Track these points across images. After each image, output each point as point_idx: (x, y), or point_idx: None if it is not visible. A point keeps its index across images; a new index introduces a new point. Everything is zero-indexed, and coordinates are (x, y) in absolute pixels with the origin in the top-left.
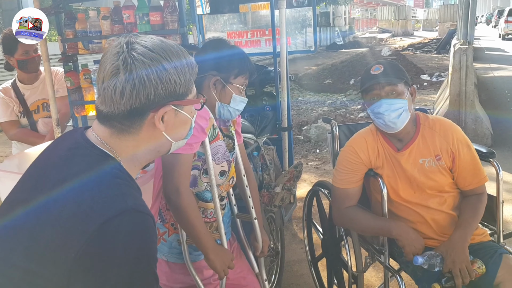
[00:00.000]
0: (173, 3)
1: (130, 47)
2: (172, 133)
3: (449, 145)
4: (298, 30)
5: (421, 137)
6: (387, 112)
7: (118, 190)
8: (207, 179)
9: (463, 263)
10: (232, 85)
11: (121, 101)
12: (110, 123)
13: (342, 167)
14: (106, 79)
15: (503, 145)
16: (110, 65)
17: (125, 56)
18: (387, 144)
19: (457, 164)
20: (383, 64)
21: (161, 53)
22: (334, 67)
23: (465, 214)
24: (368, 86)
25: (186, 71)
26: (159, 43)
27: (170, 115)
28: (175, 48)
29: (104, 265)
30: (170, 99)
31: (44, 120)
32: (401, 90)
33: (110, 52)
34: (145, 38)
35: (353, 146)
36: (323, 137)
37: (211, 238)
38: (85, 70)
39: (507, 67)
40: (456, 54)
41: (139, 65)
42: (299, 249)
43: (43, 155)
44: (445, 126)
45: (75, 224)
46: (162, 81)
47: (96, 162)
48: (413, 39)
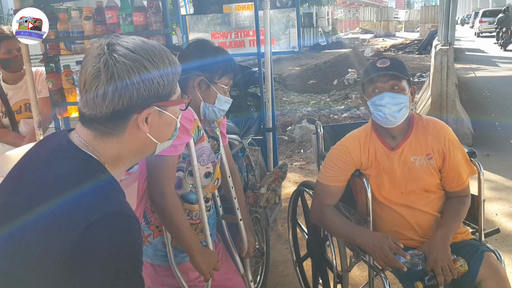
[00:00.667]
0: (156, 3)
1: (111, 48)
2: (157, 134)
3: (441, 145)
4: (282, 31)
5: (414, 136)
6: (389, 105)
7: (102, 193)
8: (192, 181)
9: (445, 262)
10: (217, 85)
11: (104, 104)
12: (93, 125)
13: (331, 164)
14: (87, 82)
15: (484, 145)
16: (91, 67)
17: (106, 58)
18: (381, 143)
19: (447, 164)
20: (389, 59)
21: (142, 54)
22: (318, 68)
23: (448, 214)
24: (373, 77)
25: (169, 71)
26: (140, 44)
27: (154, 116)
28: (157, 48)
29: (88, 269)
30: (154, 100)
31: (26, 121)
32: (403, 87)
33: (91, 54)
34: (127, 39)
35: (346, 146)
36: (307, 138)
37: (196, 240)
38: (67, 71)
39: (487, 67)
40: (437, 55)
41: (121, 66)
42: (285, 249)
43: (25, 158)
44: (438, 126)
45: (58, 228)
46: (145, 83)
47: (79, 165)
48: (395, 40)
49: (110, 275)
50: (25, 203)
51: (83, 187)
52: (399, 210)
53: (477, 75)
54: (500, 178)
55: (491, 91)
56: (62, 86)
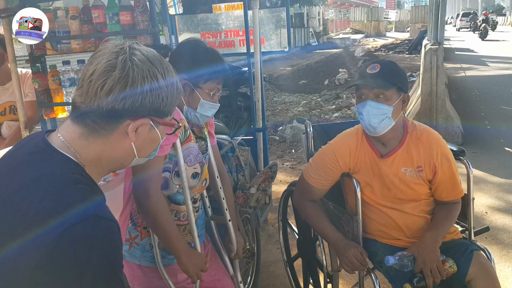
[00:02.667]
0: (143, 2)
1: (131, 51)
2: (140, 147)
3: (433, 159)
4: (272, 30)
5: (406, 146)
6: (367, 115)
7: (80, 196)
8: (179, 182)
9: (433, 263)
10: (201, 90)
11: (105, 98)
12: (84, 121)
13: (317, 166)
14: (96, 73)
15: (473, 143)
16: (105, 61)
17: (126, 57)
18: (370, 149)
19: (437, 178)
20: (380, 64)
21: (158, 67)
22: (309, 68)
23: (438, 217)
24: (359, 84)
25: (175, 92)
26: (159, 58)
27: (145, 128)
28: (171, 67)
29: (66, 274)
30: (152, 114)
31: (9, 123)
32: (390, 96)
33: (108, 50)
34: (147, 49)
35: (334, 151)
36: (298, 138)
37: (183, 242)
38: (54, 71)
39: (476, 67)
40: (427, 54)
41: (138, 70)
42: (275, 249)
43: (2, 161)
44: (431, 139)
45: (35, 232)
46: (152, 94)
47: (57, 166)
48: (386, 40)
49: (89, 281)
50: (1, 206)
51: (60, 190)
52: (387, 212)
53: (467, 75)
54: (489, 177)
55: (481, 90)
56: (48, 87)
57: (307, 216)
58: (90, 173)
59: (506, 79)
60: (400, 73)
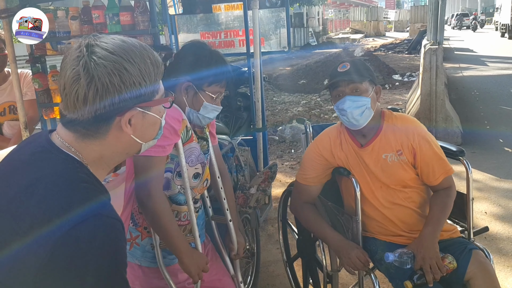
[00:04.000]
0: (143, 3)
1: (90, 50)
2: (141, 135)
3: (410, 141)
4: (272, 30)
5: (384, 133)
6: (350, 109)
7: (85, 195)
8: (181, 182)
9: (433, 260)
10: (205, 93)
11: (85, 108)
12: (75, 128)
13: (305, 164)
14: (67, 85)
15: (473, 143)
16: (70, 70)
17: (86, 60)
18: (351, 140)
19: (419, 159)
20: (350, 62)
21: (122, 55)
22: (308, 68)
23: (434, 210)
24: (334, 83)
25: (151, 71)
26: (120, 44)
27: (138, 117)
28: (138, 47)
29: (71, 272)
30: (136, 102)
31: (10, 123)
32: (364, 88)
33: (70, 56)
34: (106, 39)
35: (317, 144)
36: (298, 137)
37: (184, 242)
38: (54, 71)
39: (476, 66)
40: (427, 54)
41: (101, 69)
42: (275, 249)
43: (5, 160)
44: (406, 122)
45: (40, 231)
46: (126, 85)
47: (61, 166)
48: (385, 39)
49: (93, 279)
50: (5, 205)
51: (65, 189)
52: (380, 208)
53: (466, 75)
54: (489, 177)
55: (480, 90)
56: (48, 87)
57: (306, 221)
58: (94, 171)
59: (506, 79)
60: (368, 68)
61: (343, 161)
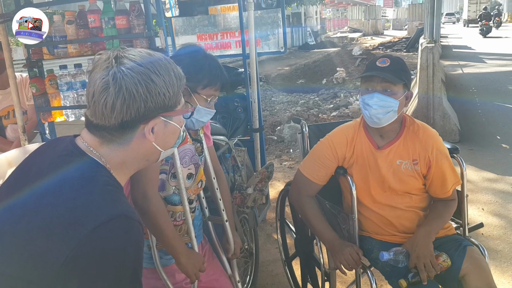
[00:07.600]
0: (138, 6)
1: (119, 61)
2: (162, 142)
3: (428, 153)
4: (270, 31)
5: (403, 139)
6: (375, 106)
7: (109, 197)
8: (175, 183)
9: (427, 258)
10: (199, 96)
11: (112, 115)
12: (100, 133)
13: (314, 157)
14: (96, 93)
15: (471, 141)
16: (100, 80)
17: (115, 71)
18: (368, 140)
19: (432, 172)
20: (390, 59)
21: (149, 66)
22: (307, 67)
23: (432, 213)
24: (368, 75)
25: (175, 83)
26: (147, 57)
27: (160, 126)
28: (163, 60)
29: (92, 270)
30: (160, 111)
31: (13, 126)
32: (396, 90)
33: (99, 67)
34: (133, 52)
35: (332, 141)
36: (296, 137)
37: (181, 242)
38: (51, 75)
39: (474, 64)
40: (423, 52)
41: (129, 80)
42: (274, 249)
43: (29, 161)
44: (427, 134)
45: (66, 229)
46: (152, 95)
47: (87, 169)
48: (384, 38)
49: (113, 277)
50: (32, 204)
51: (90, 191)
52: (381, 209)
53: (464, 72)
54: (486, 173)
55: (478, 87)
56: (46, 91)
57: (303, 212)
58: (116, 175)
59: (503, 76)
60: (407, 71)
61: (350, 162)
